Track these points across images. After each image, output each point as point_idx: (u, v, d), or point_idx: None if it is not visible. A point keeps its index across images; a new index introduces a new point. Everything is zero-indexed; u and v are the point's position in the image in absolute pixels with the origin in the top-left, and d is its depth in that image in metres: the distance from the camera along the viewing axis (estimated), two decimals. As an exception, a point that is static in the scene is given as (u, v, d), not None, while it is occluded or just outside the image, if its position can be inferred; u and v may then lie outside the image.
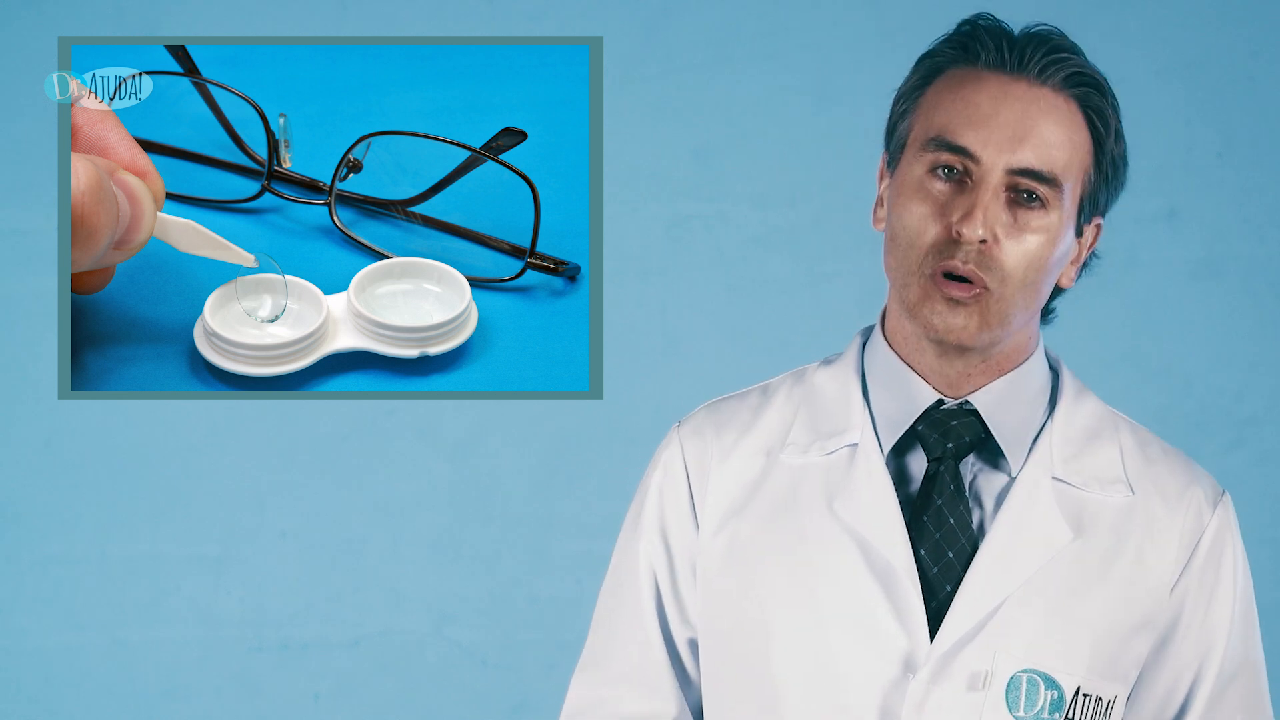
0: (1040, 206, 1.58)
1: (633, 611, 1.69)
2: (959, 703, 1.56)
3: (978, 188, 1.57)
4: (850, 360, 1.69)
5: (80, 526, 2.80)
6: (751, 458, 1.67)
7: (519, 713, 2.80)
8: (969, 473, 1.63)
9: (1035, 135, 1.58)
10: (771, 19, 2.84)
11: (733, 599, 1.63)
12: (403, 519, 2.82)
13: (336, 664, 2.82)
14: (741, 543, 1.64)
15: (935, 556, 1.60)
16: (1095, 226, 1.66)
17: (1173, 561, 1.62)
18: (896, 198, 1.61)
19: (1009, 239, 1.57)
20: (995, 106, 1.58)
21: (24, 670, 2.80)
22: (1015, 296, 1.58)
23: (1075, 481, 1.63)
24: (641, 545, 1.69)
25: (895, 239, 1.61)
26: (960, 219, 1.56)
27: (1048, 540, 1.60)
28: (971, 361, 1.63)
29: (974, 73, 1.60)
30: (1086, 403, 1.68)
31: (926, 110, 1.62)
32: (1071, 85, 1.61)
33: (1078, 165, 1.60)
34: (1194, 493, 1.65)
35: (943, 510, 1.61)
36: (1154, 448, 1.68)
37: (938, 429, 1.63)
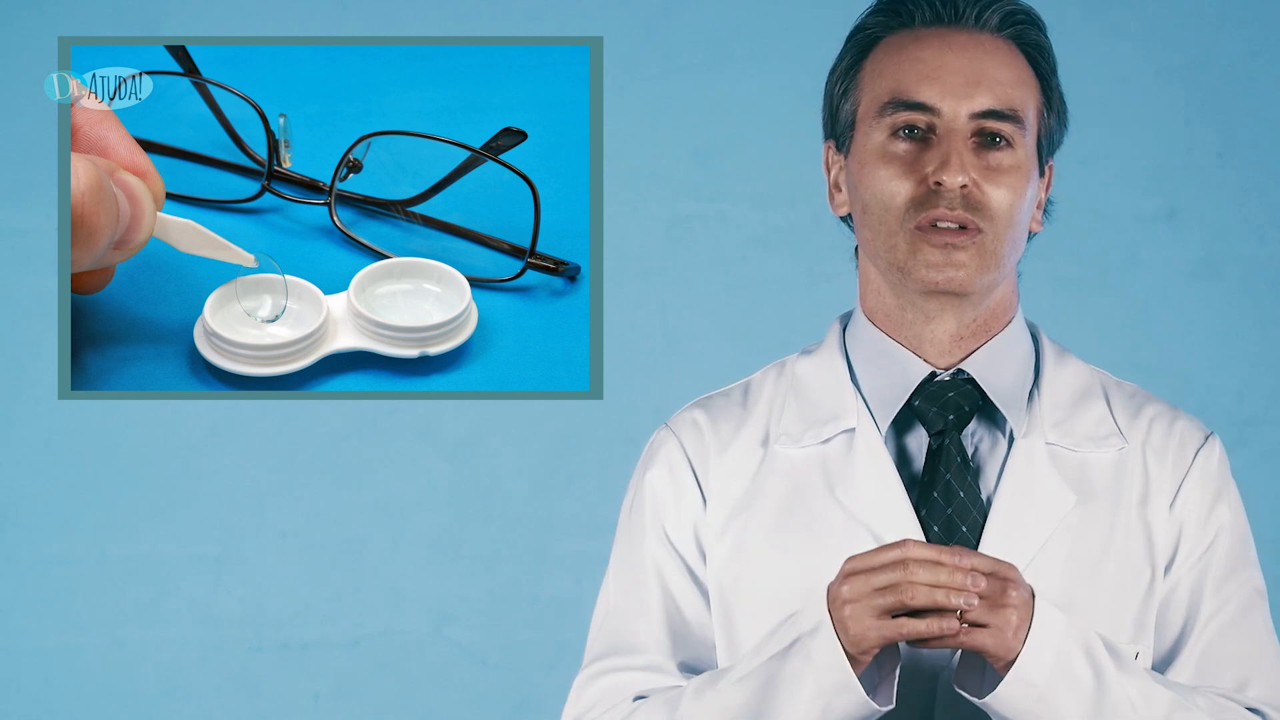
0: (1007, 146, 1.60)
1: (644, 609, 1.66)
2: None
3: (946, 138, 1.59)
4: (833, 346, 1.69)
5: (80, 526, 2.80)
6: (749, 450, 1.66)
7: (519, 713, 2.80)
8: (970, 444, 1.63)
9: (987, 77, 1.60)
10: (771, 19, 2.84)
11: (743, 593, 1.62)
12: (403, 519, 2.82)
13: (336, 664, 2.82)
14: (750, 539, 1.63)
15: (949, 531, 1.59)
16: (1049, 168, 1.67)
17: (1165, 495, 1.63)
18: (860, 170, 1.62)
19: (986, 182, 1.58)
20: (942, 58, 1.60)
21: (24, 670, 2.80)
22: (1005, 235, 1.59)
23: (1068, 444, 1.63)
24: (648, 545, 1.67)
25: (868, 209, 1.61)
26: (937, 169, 1.58)
27: (1053, 509, 1.60)
28: (964, 319, 1.63)
29: (911, 34, 1.62)
30: (1069, 364, 1.68)
31: (870, 81, 1.63)
32: (1008, 26, 1.63)
33: (1032, 103, 1.62)
34: (1177, 429, 1.66)
35: (952, 484, 1.60)
36: (1139, 397, 1.69)
37: (935, 402, 1.62)
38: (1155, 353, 2.82)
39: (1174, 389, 2.80)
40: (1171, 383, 2.80)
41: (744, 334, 2.79)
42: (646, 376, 2.78)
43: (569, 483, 2.82)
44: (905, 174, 1.59)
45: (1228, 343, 2.82)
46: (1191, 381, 2.81)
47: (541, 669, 2.80)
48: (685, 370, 2.80)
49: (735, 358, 2.78)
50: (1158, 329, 2.82)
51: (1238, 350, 2.82)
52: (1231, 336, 2.82)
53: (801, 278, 2.81)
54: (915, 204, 1.58)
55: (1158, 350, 2.82)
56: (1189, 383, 2.81)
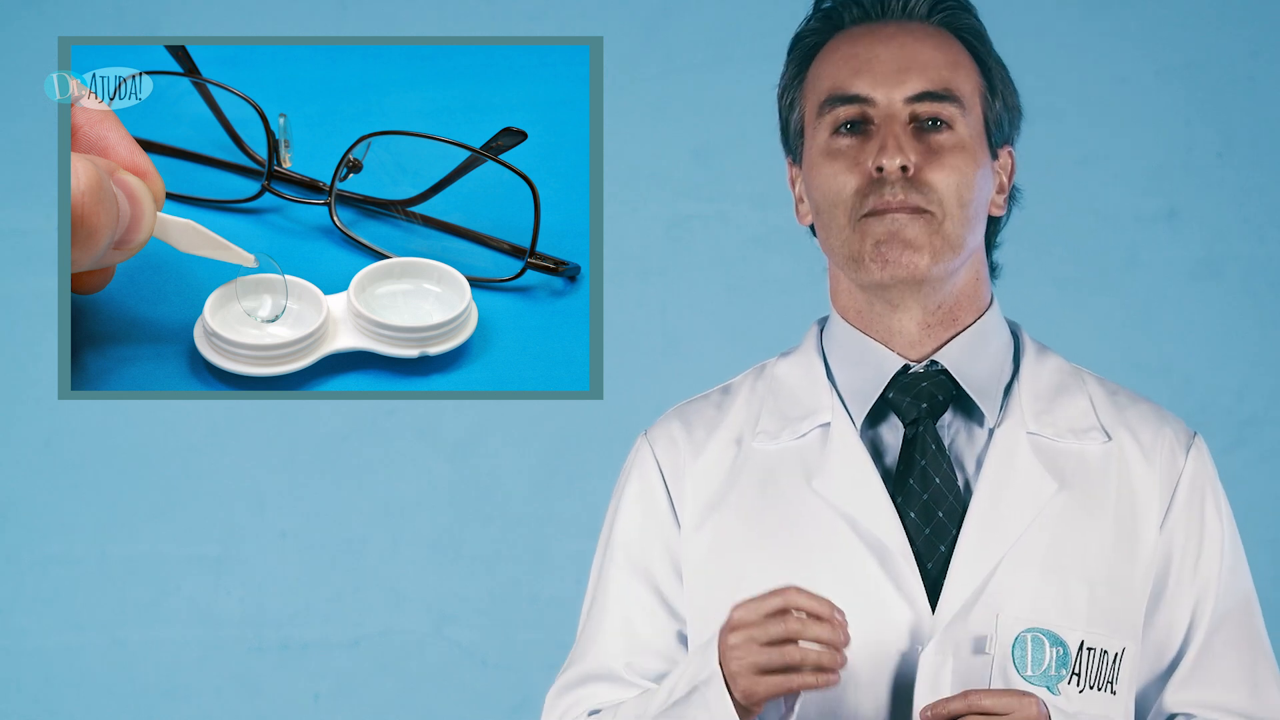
0: (947, 127, 1.61)
1: (607, 619, 1.68)
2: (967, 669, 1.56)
3: (884, 125, 1.60)
4: (810, 346, 1.70)
5: (80, 526, 2.80)
6: (723, 449, 1.67)
7: (519, 713, 2.80)
8: (946, 435, 1.63)
9: (917, 62, 1.62)
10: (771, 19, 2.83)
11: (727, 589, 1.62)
12: (403, 519, 2.82)
13: (336, 664, 2.82)
14: (726, 533, 1.64)
15: (926, 518, 1.60)
16: (1009, 154, 1.68)
17: (1156, 505, 1.63)
18: (810, 172, 1.64)
19: (929, 165, 1.60)
20: (872, 50, 1.63)
21: (24, 670, 2.80)
22: (958, 216, 1.60)
23: (1049, 434, 1.64)
24: (618, 557, 1.69)
25: (820, 208, 1.63)
26: (876, 155, 1.59)
27: (1034, 495, 1.61)
28: (928, 306, 1.63)
29: (844, 34, 1.65)
30: (1050, 359, 1.69)
31: (812, 86, 1.66)
32: (936, 13, 1.65)
33: (970, 85, 1.64)
34: (1165, 434, 1.66)
35: (927, 470, 1.61)
36: (1122, 396, 1.69)
37: (909, 392, 1.63)
38: (1155, 353, 2.81)
39: (1174, 389, 2.80)
40: (1171, 383, 2.80)
41: (744, 334, 2.79)
42: (646, 376, 2.78)
43: (569, 483, 2.82)
44: (850, 168, 1.61)
45: (1228, 343, 2.82)
46: (1191, 381, 2.81)
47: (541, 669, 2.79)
48: (685, 370, 2.80)
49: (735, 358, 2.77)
50: (1158, 329, 2.82)
51: (1238, 350, 2.82)
52: (1231, 336, 2.82)
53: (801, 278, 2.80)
54: (861, 194, 1.60)
55: (1158, 350, 2.82)
56: (1189, 383, 2.81)
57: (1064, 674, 1.57)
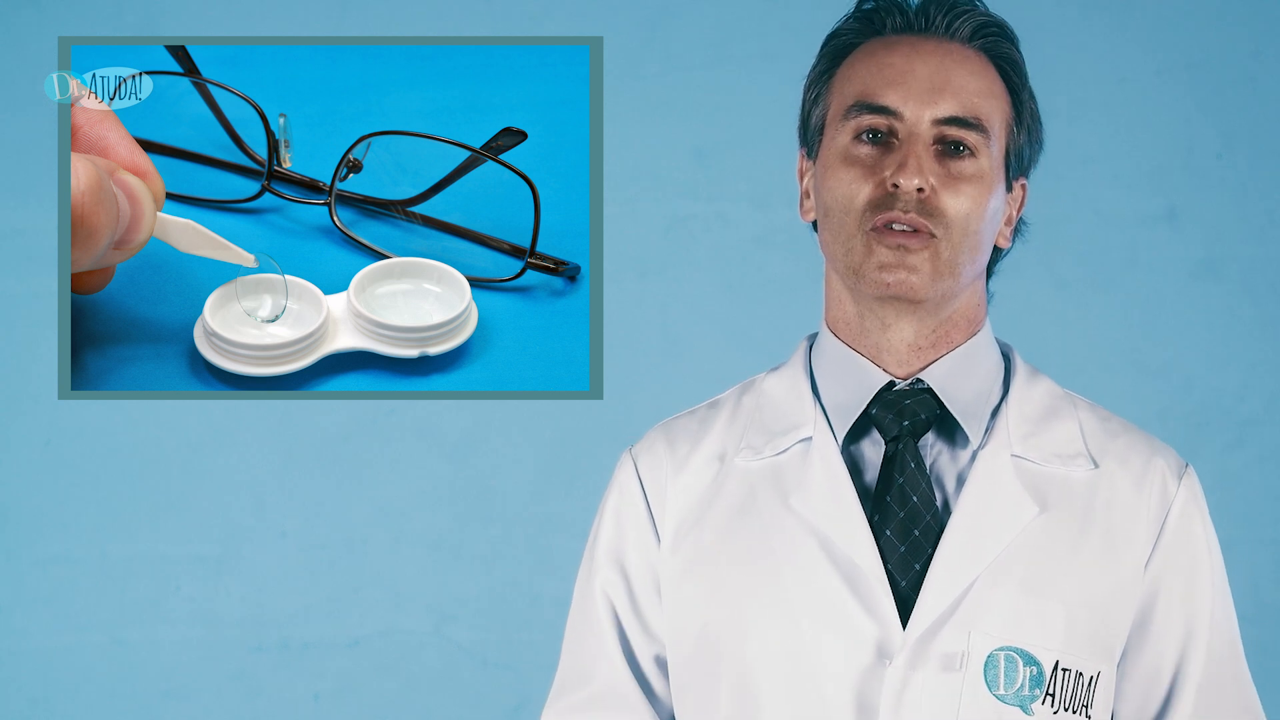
0: (970, 155, 1.60)
1: (597, 638, 1.69)
2: (938, 686, 1.56)
3: (907, 142, 1.59)
4: (798, 362, 1.70)
5: (80, 526, 2.80)
6: (705, 466, 1.67)
7: (519, 713, 2.80)
8: (929, 454, 1.63)
9: (952, 85, 1.60)
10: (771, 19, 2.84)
11: (700, 605, 1.63)
12: (403, 519, 2.82)
13: (336, 664, 2.82)
14: (704, 550, 1.64)
15: (902, 535, 1.59)
16: (1021, 187, 1.67)
17: (1144, 535, 1.62)
18: (824, 173, 1.63)
19: (945, 190, 1.58)
20: (909, 64, 1.61)
21: (24, 670, 2.80)
22: (961, 244, 1.59)
23: (1035, 458, 1.63)
24: (598, 572, 1.70)
25: (829, 212, 1.62)
26: (895, 171, 1.58)
27: (1014, 516, 1.60)
28: (921, 327, 1.63)
29: (882, 41, 1.63)
30: (1041, 383, 1.68)
31: (840, 86, 1.64)
32: (979, 37, 1.63)
33: (999, 116, 1.62)
34: (1157, 464, 1.65)
35: (905, 488, 1.60)
36: (1114, 423, 1.68)
37: (891, 409, 1.62)
38: (1155, 353, 2.82)
39: (1174, 389, 2.80)
40: (1171, 383, 2.80)
41: (744, 334, 2.79)
42: (646, 376, 2.78)
43: (569, 483, 2.82)
44: (865, 177, 1.59)
45: (1228, 343, 2.82)
46: (1191, 381, 2.81)
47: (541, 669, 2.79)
48: (685, 370, 2.80)
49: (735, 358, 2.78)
50: (1158, 329, 2.82)
51: (1238, 350, 2.82)
52: (1231, 336, 2.82)
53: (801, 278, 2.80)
54: (872, 206, 1.59)
55: (1158, 350, 2.82)
56: (1189, 383, 2.81)
57: (1037, 694, 1.57)
